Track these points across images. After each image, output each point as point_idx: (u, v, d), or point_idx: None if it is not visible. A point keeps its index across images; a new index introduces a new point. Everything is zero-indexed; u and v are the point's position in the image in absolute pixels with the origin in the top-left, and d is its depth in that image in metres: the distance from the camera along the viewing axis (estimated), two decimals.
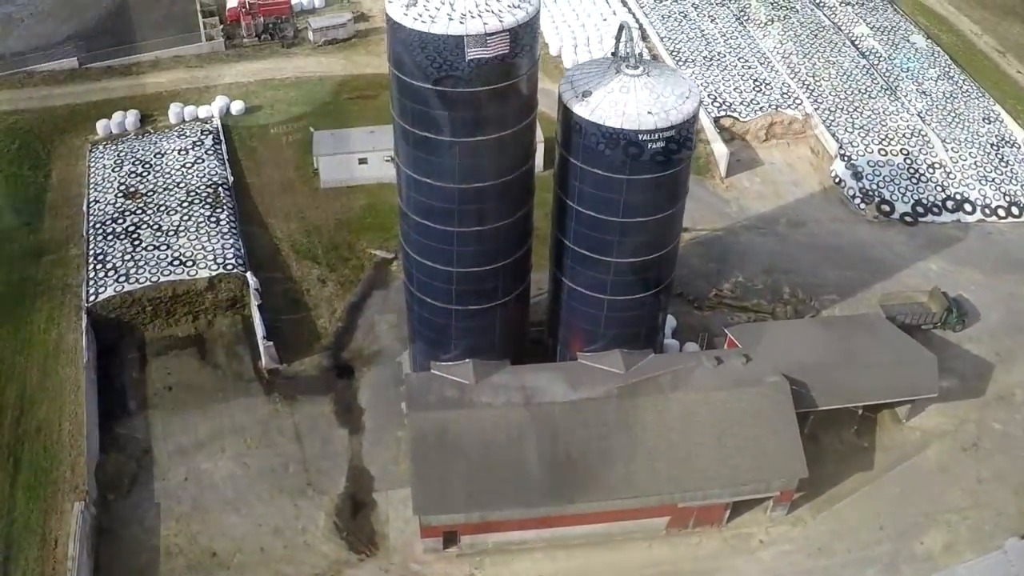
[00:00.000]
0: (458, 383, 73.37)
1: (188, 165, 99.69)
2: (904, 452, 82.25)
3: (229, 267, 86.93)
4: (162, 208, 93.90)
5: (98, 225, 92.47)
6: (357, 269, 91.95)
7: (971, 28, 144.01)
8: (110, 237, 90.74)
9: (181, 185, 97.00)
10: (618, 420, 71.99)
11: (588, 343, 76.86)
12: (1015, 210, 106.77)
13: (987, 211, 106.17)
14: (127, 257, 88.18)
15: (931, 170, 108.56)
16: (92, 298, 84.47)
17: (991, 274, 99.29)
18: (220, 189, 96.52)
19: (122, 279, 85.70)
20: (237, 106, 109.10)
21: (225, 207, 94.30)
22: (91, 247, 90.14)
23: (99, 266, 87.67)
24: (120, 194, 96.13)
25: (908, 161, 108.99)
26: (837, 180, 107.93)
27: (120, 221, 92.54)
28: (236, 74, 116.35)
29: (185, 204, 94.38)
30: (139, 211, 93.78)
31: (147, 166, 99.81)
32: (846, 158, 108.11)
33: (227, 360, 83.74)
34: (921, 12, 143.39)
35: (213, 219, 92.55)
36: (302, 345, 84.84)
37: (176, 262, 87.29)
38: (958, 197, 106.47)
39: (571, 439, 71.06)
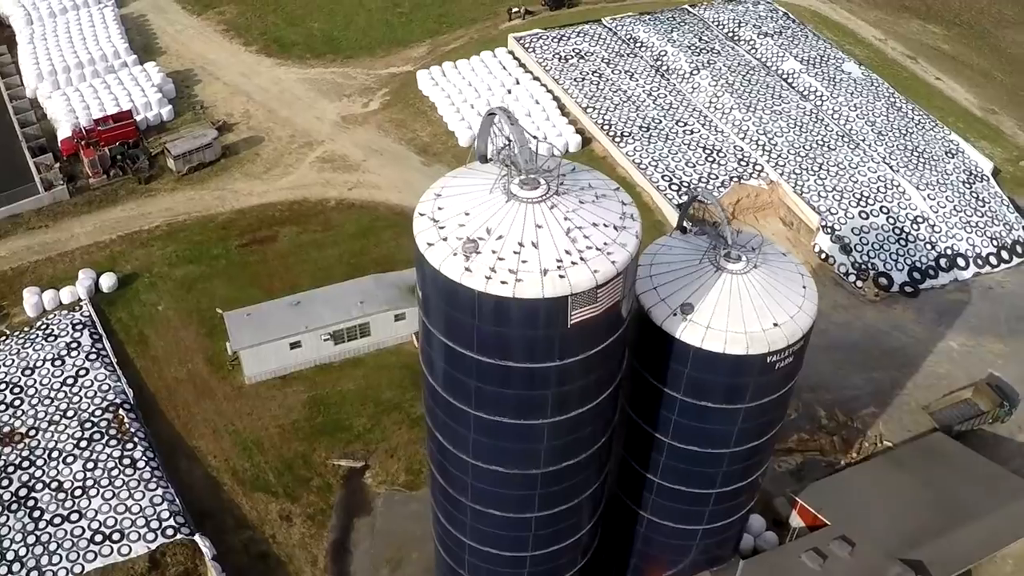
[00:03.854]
0: None
1: (70, 382, 77.69)
2: None
3: (170, 532, 66.50)
4: (55, 454, 72.13)
5: None
6: (324, 491, 72.84)
7: (873, 34, 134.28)
8: None
9: (70, 414, 75.08)
10: None
11: (669, 568, 61.20)
12: (1004, 254, 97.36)
13: (979, 261, 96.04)
14: (30, 539, 66.62)
15: (915, 226, 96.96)
16: None
17: (1010, 340, 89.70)
18: (122, 411, 75.10)
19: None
20: (107, 280, 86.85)
21: (135, 438, 73.23)
22: None
23: None
24: None
25: (891, 220, 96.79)
26: (824, 256, 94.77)
27: (5, 483, 70.48)
28: (92, 231, 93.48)
29: (84, 443, 72.81)
30: (25, 462, 71.65)
31: (17, 391, 77.39)
32: (829, 230, 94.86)
33: None
34: (825, 24, 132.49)
35: (126, 460, 71.54)
36: None
37: (98, 537, 66.34)
38: (949, 252, 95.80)
39: None
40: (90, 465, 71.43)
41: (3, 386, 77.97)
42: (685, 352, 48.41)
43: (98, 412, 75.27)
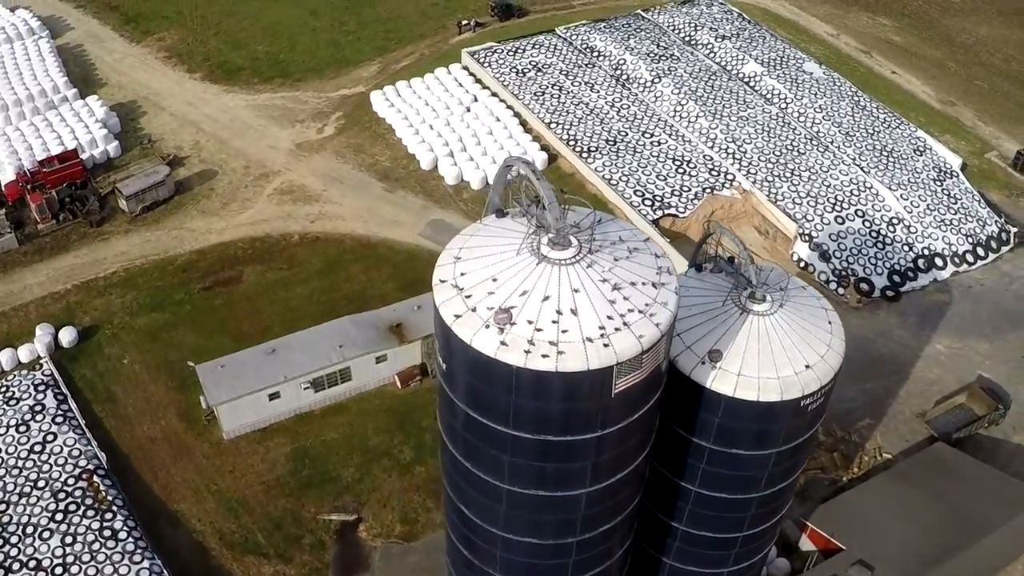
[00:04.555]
0: None
1: (38, 448, 73.40)
2: None
3: None
4: (29, 529, 67.89)
5: None
6: (317, 549, 69.51)
7: (825, 30, 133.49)
8: None
9: (41, 484, 70.83)
10: None
11: None
12: (980, 251, 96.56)
13: (956, 259, 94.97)
14: None
15: (891, 228, 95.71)
16: None
17: (995, 338, 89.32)
18: (95, 478, 71.04)
19: None
20: (67, 335, 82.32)
21: (113, 506, 69.23)
22: None
23: None
24: None
25: (867, 223, 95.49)
26: (803, 265, 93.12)
27: None
28: (46, 280, 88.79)
29: (59, 515, 68.63)
30: None
31: None
32: (807, 238, 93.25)
33: None
34: (777, 22, 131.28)
35: (106, 532, 67.65)
36: None
37: None
38: (927, 253, 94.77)
39: None
40: (68, 539, 67.43)
41: None
42: (716, 402, 46.09)
43: (71, 480, 71.05)
